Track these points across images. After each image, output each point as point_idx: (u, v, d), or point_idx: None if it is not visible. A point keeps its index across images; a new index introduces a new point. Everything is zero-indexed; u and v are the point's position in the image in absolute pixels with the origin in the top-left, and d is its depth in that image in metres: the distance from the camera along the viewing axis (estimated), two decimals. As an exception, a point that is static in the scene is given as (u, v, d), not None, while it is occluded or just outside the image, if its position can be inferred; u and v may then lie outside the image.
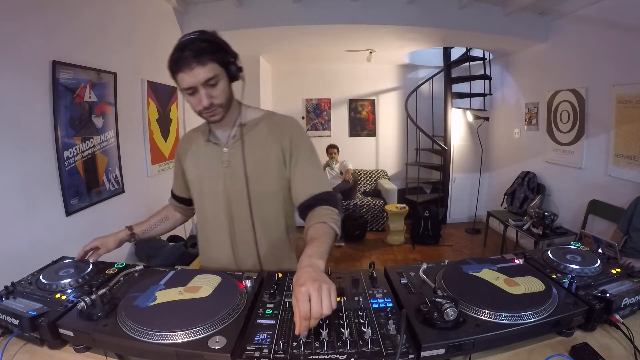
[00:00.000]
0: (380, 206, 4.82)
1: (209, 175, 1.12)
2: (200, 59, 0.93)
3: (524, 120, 4.26)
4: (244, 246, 1.15)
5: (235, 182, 1.09)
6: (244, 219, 1.12)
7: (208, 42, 0.96)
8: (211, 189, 1.13)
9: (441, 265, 1.06)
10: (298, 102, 5.68)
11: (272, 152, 1.08)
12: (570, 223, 3.35)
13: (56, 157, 1.89)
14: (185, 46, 0.94)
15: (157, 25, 2.96)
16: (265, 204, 1.11)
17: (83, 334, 0.78)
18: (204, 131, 1.15)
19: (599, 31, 3.10)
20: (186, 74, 0.94)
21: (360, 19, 3.36)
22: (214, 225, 1.16)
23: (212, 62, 0.95)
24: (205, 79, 0.95)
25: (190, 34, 0.96)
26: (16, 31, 1.65)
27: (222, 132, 1.12)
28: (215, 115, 1.02)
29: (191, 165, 1.17)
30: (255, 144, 1.09)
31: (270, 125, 1.11)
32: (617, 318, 0.84)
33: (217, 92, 0.99)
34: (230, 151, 1.09)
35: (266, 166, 1.08)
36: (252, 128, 1.10)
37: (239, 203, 1.11)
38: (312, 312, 0.68)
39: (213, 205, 1.14)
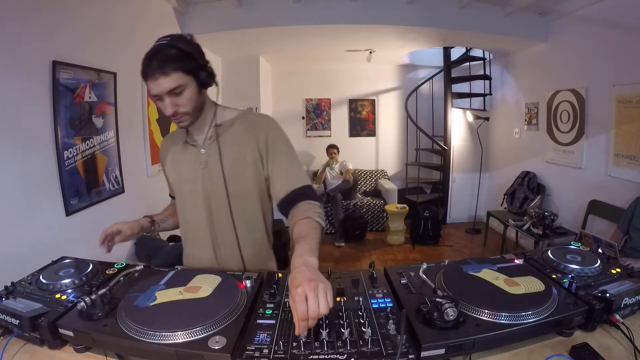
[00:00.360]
0: (380, 206, 4.82)
1: (188, 177, 1.13)
2: (163, 69, 0.94)
3: (524, 120, 4.26)
4: (225, 247, 1.16)
5: (213, 182, 1.10)
6: (225, 219, 1.12)
7: (176, 50, 0.95)
8: (190, 190, 1.13)
9: (441, 265, 1.06)
10: (298, 102, 5.68)
11: (248, 151, 1.08)
12: (570, 223, 3.35)
13: (56, 157, 1.89)
14: (152, 55, 0.95)
15: (157, 25, 2.96)
16: (244, 203, 1.12)
17: (83, 334, 0.78)
18: (182, 133, 1.16)
19: (599, 31, 3.10)
20: (152, 82, 0.96)
21: (360, 19, 3.36)
22: (195, 226, 1.17)
23: (177, 72, 0.95)
24: (169, 89, 0.96)
25: (162, 39, 0.97)
26: (16, 31, 1.65)
27: (199, 133, 1.13)
28: (182, 121, 1.04)
29: (171, 167, 1.18)
30: (231, 144, 1.09)
31: (246, 125, 1.11)
32: (617, 318, 0.84)
33: (183, 100, 0.99)
34: (207, 152, 1.10)
35: (243, 166, 1.09)
36: (228, 128, 1.11)
37: (219, 203, 1.11)
38: (310, 313, 0.68)
39: (193, 206, 1.15)
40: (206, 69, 1.02)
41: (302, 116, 5.70)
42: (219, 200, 1.11)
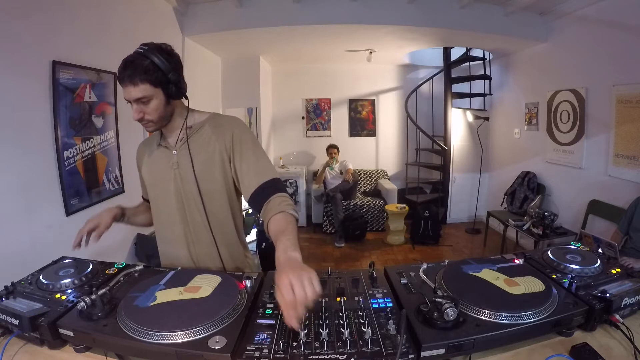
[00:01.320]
0: (380, 206, 4.82)
1: (161, 178, 1.17)
2: (132, 79, 0.99)
3: (524, 120, 4.26)
4: (200, 245, 1.19)
5: (185, 182, 1.14)
6: (198, 218, 1.16)
7: (148, 62, 1.00)
8: (164, 191, 1.17)
9: (441, 265, 1.06)
10: (298, 102, 5.68)
11: (217, 151, 1.12)
12: (570, 223, 3.35)
13: (56, 157, 1.89)
14: (126, 63, 1.00)
15: (157, 25, 2.96)
16: (215, 202, 1.16)
17: (83, 334, 0.78)
18: (156, 136, 1.21)
19: (599, 31, 3.10)
20: (123, 88, 1.02)
21: (360, 19, 3.35)
22: (170, 227, 1.19)
23: (144, 83, 1.00)
24: (136, 97, 1.01)
25: (141, 47, 1.03)
26: (16, 31, 1.65)
27: (171, 136, 1.17)
28: (148, 127, 1.10)
29: (146, 170, 1.22)
30: (201, 145, 1.13)
31: (214, 126, 1.15)
32: (617, 318, 0.84)
33: (149, 109, 1.04)
34: (179, 153, 1.14)
35: (212, 165, 1.13)
36: (197, 130, 1.15)
37: (192, 203, 1.15)
38: (298, 299, 0.69)
39: (167, 206, 1.18)
40: (176, 84, 1.05)
41: (302, 116, 5.70)
42: (191, 200, 1.15)
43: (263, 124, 4.85)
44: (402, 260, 3.99)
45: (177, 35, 3.32)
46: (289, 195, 1.07)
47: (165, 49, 1.06)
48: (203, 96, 4.00)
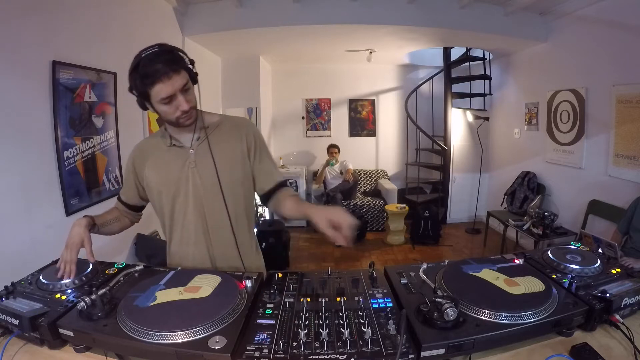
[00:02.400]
0: (380, 206, 4.82)
1: (175, 178, 1.15)
2: (174, 67, 0.99)
3: (524, 120, 4.26)
4: (218, 244, 1.19)
5: (205, 180, 1.14)
6: (218, 216, 1.16)
7: (173, 52, 1.01)
8: (180, 191, 1.15)
9: (441, 265, 1.06)
10: (298, 102, 5.68)
11: (238, 150, 1.18)
12: (570, 223, 3.35)
13: (56, 157, 1.89)
14: (154, 59, 0.97)
15: (157, 25, 2.96)
16: (235, 200, 1.18)
17: (83, 334, 0.78)
18: (162, 138, 1.18)
19: (599, 31, 3.10)
20: (164, 83, 0.98)
21: (360, 19, 3.35)
22: (187, 226, 1.18)
23: (183, 70, 1.02)
24: (182, 85, 1.01)
25: (151, 48, 0.99)
26: (16, 31, 1.65)
27: (185, 135, 1.16)
28: (191, 117, 1.09)
29: (153, 172, 1.17)
30: (221, 143, 1.16)
31: (231, 126, 1.21)
32: (617, 318, 0.84)
33: (191, 96, 1.06)
34: (197, 152, 1.15)
35: (233, 163, 1.17)
36: (215, 129, 1.18)
37: (211, 201, 1.15)
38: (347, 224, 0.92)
39: (183, 207, 1.16)
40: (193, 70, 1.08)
41: (302, 116, 5.70)
42: (211, 198, 1.15)
43: (263, 124, 4.85)
44: (402, 260, 3.99)
45: (177, 35, 3.32)
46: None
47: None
48: (203, 96, 3.98)
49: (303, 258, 4.05)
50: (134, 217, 1.33)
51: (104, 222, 1.21)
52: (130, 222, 1.33)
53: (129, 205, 1.29)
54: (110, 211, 1.29)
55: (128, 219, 1.31)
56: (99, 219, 1.18)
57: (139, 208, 1.32)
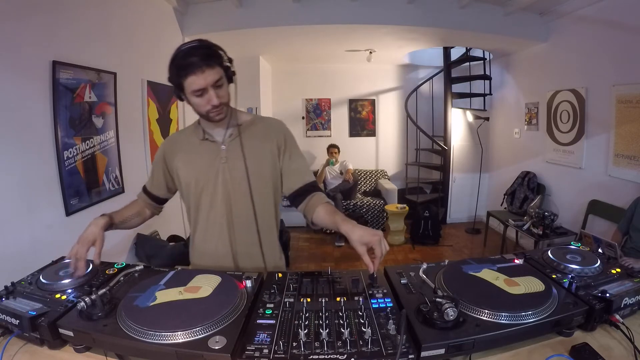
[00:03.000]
0: (380, 206, 4.82)
1: (206, 172, 1.18)
2: (208, 62, 1.02)
3: (524, 120, 4.26)
4: (241, 240, 1.21)
5: (234, 176, 1.17)
6: (244, 212, 1.19)
7: (210, 48, 1.06)
8: (209, 184, 1.18)
9: (441, 265, 1.06)
10: (298, 102, 5.68)
11: (268, 147, 1.20)
12: (570, 223, 3.35)
13: (56, 157, 1.89)
14: (191, 52, 1.02)
15: (157, 25, 2.96)
16: (262, 197, 1.20)
17: (83, 334, 0.78)
18: (195, 132, 1.22)
19: (599, 31, 3.10)
20: (197, 76, 1.01)
21: (360, 19, 3.35)
22: (212, 220, 1.20)
23: (218, 66, 1.05)
24: (214, 80, 1.04)
25: (191, 42, 1.04)
26: (16, 31, 1.65)
27: (218, 131, 1.19)
28: (221, 113, 1.11)
29: (184, 164, 1.20)
30: (253, 141, 1.19)
31: (264, 125, 1.24)
32: (617, 318, 0.84)
33: (223, 92, 1.09)
34: (228, 148, 1.18)
35: (263, 161, 1.19)
36: (248, 127, 1.21)
37: (239, 196, 1.18)
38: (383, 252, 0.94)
39: (211, 200, 1.19)
40: (231, 67, 1.11)
41: (302, 116, 5.70)
42: (239, 193, 1.18)
43: (263, 124, 4.84)
44: (402, 260, 3.99)
45: (177, 35, 3.32)
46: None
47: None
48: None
49: (303, 258, 4.05)
50: (156, 209, 1.34)
51: (124, 219, 1.22)
52: (150, 215, 1.34)
53: (153, 196, 1.30)
54: (131, 206, 1.29)
55: (149, 211, 1.32)
56: (118, 216, 1.20)
57: (163, 201, 1.33)
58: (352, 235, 0.97)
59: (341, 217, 1.06)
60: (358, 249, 0.95)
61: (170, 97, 3.17)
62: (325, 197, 1.19)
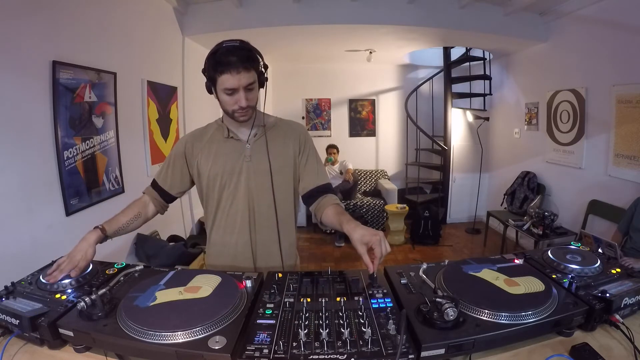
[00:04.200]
0: (380, 206, 4.82)
1: (231, 168, 1.21)
2: (246, 65, 1.05)
3: (524, 120, 4.26)
4: (262, 238, 1.24)
5: (257, 174, 1.21)
6: (265, 210, 1.22)
7: (250, 51, 1.09)
8: (232, 181, 1.21)
9: (441, 265, 1.06)
10: (298, 102, 5.68)
11: (290, 147, 1.25)
12: (570, 223, 3.35)
13: (56, 157, 1.89)
14: (231, 51, 1.05)
15: (157, 25, 2.96)
16: (284, 196, 1.24)
17: (83, 334, 0.78)
18: (219, 129, 1.25)
19: (599, 31, 3.10)
20: (232, 75, 1.05)
21: (360, 19, 3.35)
22: (232, 216, 1.23)
23: (253, 71, 1.08)
24: (247, 83, 1.07)
25: (233, 41, 1.08)
26: (16, 31, 1.65)
27: (243, 130, 1.23)
28: (246, 115, 1.14)
29: (207, 160, 1.22)
30: (276, 141, 1.24)
31: (286, 127, 1.30)
32: (617, 318, 0.84)
33: (253, 95, 1.12)
34: (253, 147, 1.22)
35: (286, 159, 1.24)
36: (271, 128, 1.26)
37: (261, 194, 1.21)
38: (383, 253, 0.93)
39: (233, 197, 1.22)
40: (264, 75, 1.15)
41: (302, 116, 5.70)
42: (261, 191, 1.21)
43: (263, 124, 4.85)
44: (402, 260, 3.99)
45: (177, 35, 3.32)
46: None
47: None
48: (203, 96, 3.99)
49: (303, 258, 4.04)
50: (163, 207, 1.30)
51: (121, 227, 1.17)
52: (155, 212, 1.29)
53: (164, 192, 1.27)
54: (128, 210, 1.22)
55: (155, 209, 1.28)
56: (112, 225, 1.14)
57: (172, 199, 1.30)
58: (353, 234, 0.99)
59: (346, 218, 1.09)
60: (358, 249, 0.96)
61: (171, 97, 3.17)
62: (336, 199, 1.22)
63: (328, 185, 1.26)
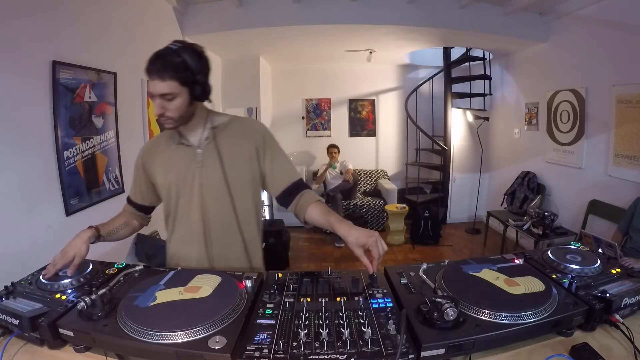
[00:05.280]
0: (380, 206, 4.82)
1: (183, 177, 1.14)
2: (162, 74, 0.99)
3: (524, 120, 4.26)
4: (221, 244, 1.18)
5: (211, 181, 1.14)
6: (224, 217, 1.16)
7: (180, 60, 1.00)
8: (186, 190, 1.15)
9: (441, 265, 1.06)
10: (298, 102, 5.68)
11: (246, 149, 1.16)
12: (570, 223, 3.35)
13: (56, 157, 1.89)
14: (158, 56, 1.00)
15: (157, 25, 2.96)
16: (242, 200, 1.18)
17: (83, 334, 0.78)
18: (171, 136, 1.18)
19: (599, 31, 3.10)
20: (151, 81, 1.01)
21: (360, 19, 3.35)
22: (189, 226, 1.17)
23: (173, 80, 1.00)
24: (161, 93, 1.01)
25: (172, 44, 1.02)
26: (16, 31, 1.65)
27: (193, 135, 1.16)
28: (166, 124, 1.09)
29: (162, 170, 1.18)
30: (229, 143, 1.16)
31: (241, 127, 1.20)
32: (617, 318, 0.84)
33: (171, 106, 1.04)
34: (204, 151, 1.14)
35: (241, 164, 1.16)
36: (224, 130, 1.17)
37: (216, 201, 1.15)
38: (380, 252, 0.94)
39: (188, 207, 1.16)
40: (203, 86, 1.06)
41: (302, 116, 5.70)
42: (216, 198, 1.14)
43: (263, 124, 4.85)
44: (402, 260, 3.99)
45: (177, 35, 3.32)
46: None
47: (197, 50, 1.06)
48: (203, 96, 3.99)
49: (303, 258, 4.05)
50: (144, 219, 1.31)
51: (111, 231, 1.19)
52: (139, 225, 1.31)
53: (138, 206, 1.27)
54: (118, 217, 1.26)
55: (137, 222, 1.29)
56: (105, 227, 1.17)
57: (149, 209, 1.29)
58: (348, 238, 0.98)
59: (336, 219, 1.05)
60: (355, 251, 0.96)
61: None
62: (315, 195, 1.17)
63: (300, 180, 1.20)
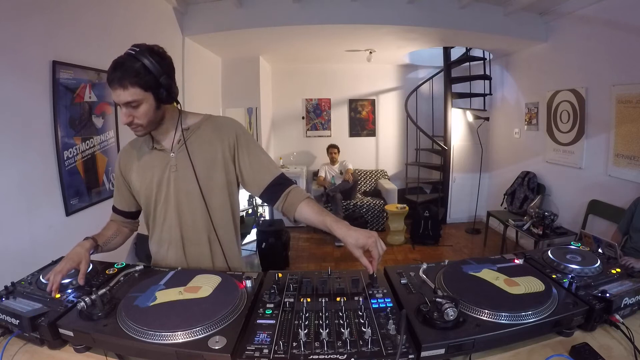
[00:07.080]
0: (380, 206, 4.82)
1: (158, 182, 1.13)
2: (122, 82, 0.97)
3: (524, 120, 4.26)
4: (198, 246, 1.17)
5: (186, 184, 1.12)
6: (199, 219, 1.14)
7: (140, 64, 0.97)
8: (162, 195, 1.14)
9: (441, 265, 1.06)
10: (298, 102, 5.68)
11: (219, 151, 1.12)
12: (570, 223, 3.35)
13: (56, 157, 1.89)
14: (117, 65, 0.98)
15: (157, 25, 2.96)
16: (217, 202, 1.15)
17: (83, 334, 0.78)
18: (145, 141, 1.16)
19: (599, 31, 3.10)
20: (113, 90, 0.99)
21: (360, 19, 3.35)
22: (166, 230, 1.16)
23: (135, 87, 0.97)
24: (125, 101, 0.98)
25: (130, 49, 1.00)
26: (16, 31, 1.65)
27: (165, 139, 1.14)
28: (137, 131, 1.06)
29: (138, 176, 1.16)
30: (201, 146, 1.12)
31: (213, 127, 1.15)
32: (617, 318, 0.84)
33: (138, 113, 1.01)
34: (177, 155, 1.12)
35: (214, 165, 1.13)
36: (195, 131, 1.14)
37: (191, 204, 1.13)
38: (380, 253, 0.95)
39: (164, 212, 1.15)
40: (168, 88, 1.02)
41: (302, 116, 5.70)
42: (192, 202, 1.13)
43: (263, 124, 4.85)
44: (402, 260, 3.99)
45: (177, 35, 3.32)
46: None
47: (157, 51, 1.02)
48: (203, 96, 4.00)
49: (303, 258, 4.05)
50: (133, 225, 1.30)
51: (106, 241, 1.19)
52: (130, 232, 1.30)
53: (125, 213, 1.26)
54: (108, 227, 1.25)
55: (127, 229, 1.28)
56: (101, 237, 1.17)
57: (136, 214, 1.28)
58: (347, 239, 0.97)
59: (332, 219, 1.03)
60: (355, 253, 0.96)
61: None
62: (303, 192, 1.13)
63: (283, 175, 1.14)
